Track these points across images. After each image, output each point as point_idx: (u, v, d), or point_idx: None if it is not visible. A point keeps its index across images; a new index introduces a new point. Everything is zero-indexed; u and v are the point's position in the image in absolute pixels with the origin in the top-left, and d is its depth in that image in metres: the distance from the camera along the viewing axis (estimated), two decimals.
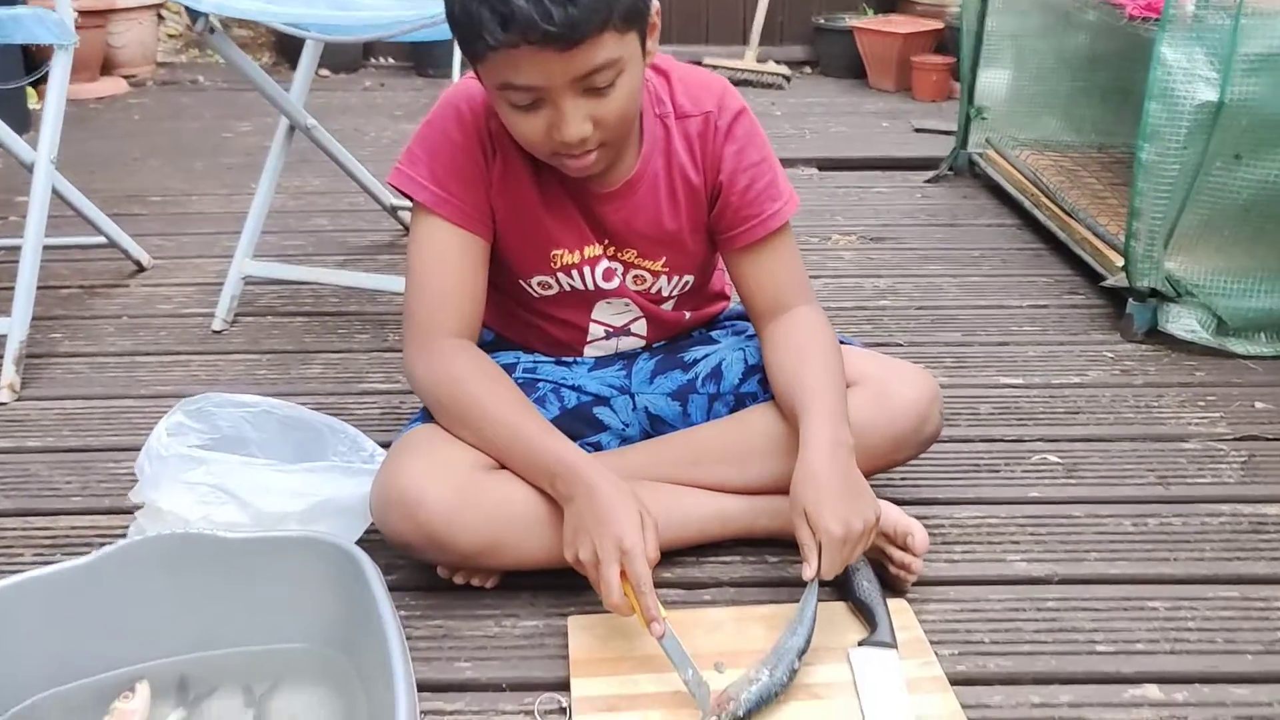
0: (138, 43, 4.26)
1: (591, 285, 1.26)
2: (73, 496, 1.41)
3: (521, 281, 1.27)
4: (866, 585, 1.15)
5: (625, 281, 1.27)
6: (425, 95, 4.00)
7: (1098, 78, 2.64)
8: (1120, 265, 1.92)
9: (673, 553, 1.21)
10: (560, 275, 1.25)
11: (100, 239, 2.14)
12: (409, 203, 1.22)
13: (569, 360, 1.35)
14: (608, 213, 1.22)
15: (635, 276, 1.28)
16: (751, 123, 1.23)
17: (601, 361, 1.35)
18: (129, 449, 1.21)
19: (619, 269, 1.26)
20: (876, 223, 2.54)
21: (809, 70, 4.45)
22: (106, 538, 1.29)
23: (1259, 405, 1.64)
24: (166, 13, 4.52)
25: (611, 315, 1.31)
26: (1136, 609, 1.18)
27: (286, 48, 4.35)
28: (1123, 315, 1.90)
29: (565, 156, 1.10)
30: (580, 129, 1.05)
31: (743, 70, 4.05)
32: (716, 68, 3.91)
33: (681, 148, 1.21)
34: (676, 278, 1.29)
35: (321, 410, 1.38)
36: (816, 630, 1.07)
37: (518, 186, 1.19)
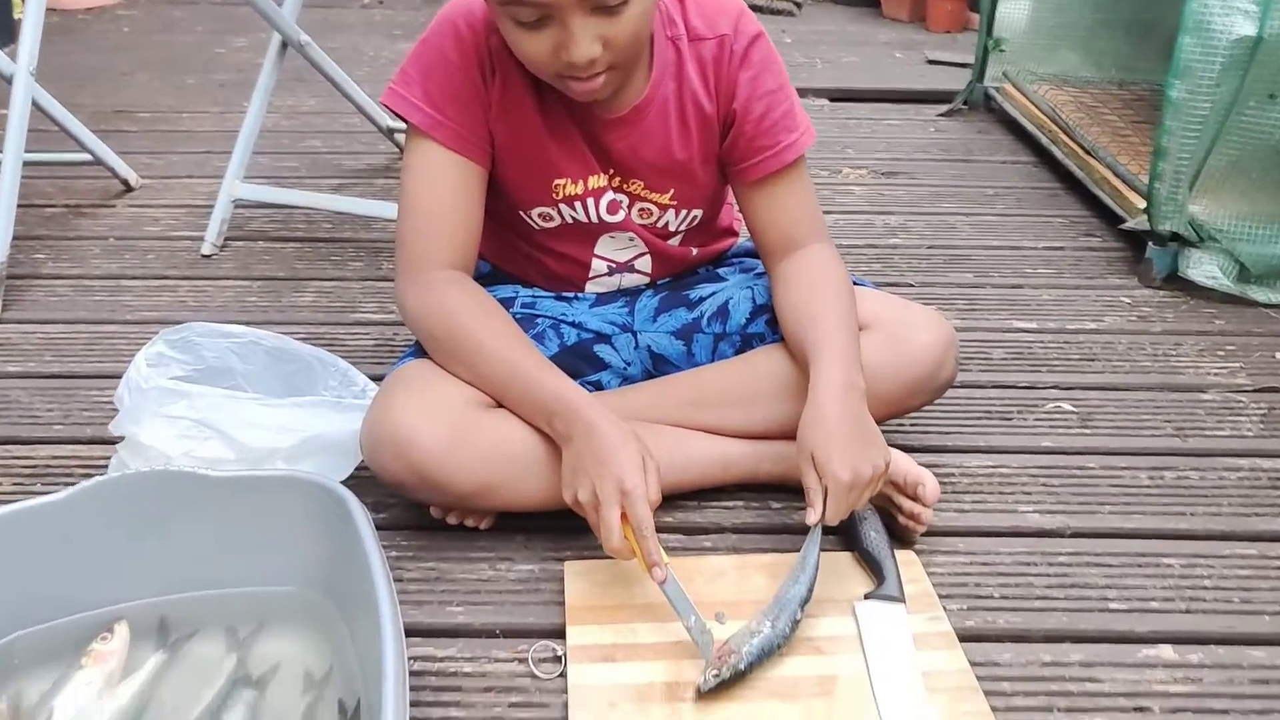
0: None
1: (595, 218, 1.20)
2: (54, 425, 1.37)
3: (521, 212, 1.21)
4: (874, 536, 1.11)
5: (630, 215, 1.22)
6: (425, 14, 3.88)
7: (1121, 10, 2.56)
8: (1141, 207, 1.86)
9: (673, 497, 1.18)
10: (562, 206, 1.19)
11: (86, 156, 2.07)
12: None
13: (569, 296, 1.29)
14: (614, 140, 1.16)
15: (641, 209, 1.22)
16: (769, 48, 1.17)
17: (603, 298, 1.30)
18: (113, 376, 1.16)
19: (624, 201, 1.20)
20: (888, 157, 2.48)
21: None
22: (89, 469, 1.26)
23: None
24: None
25: (615, 250, 1.26)
26: (1151, 565, 1.15)
27: None
28: (1141, 259, 1.84)
29: (571, 79, 1.03)
30: (589, 49, 0.99)
31: None
32: None
33: (694, 72, 1.15)
34: (685, 211, 1.23)
35: (313, 341, 1.34)
36: (821, 580, 1.03)
37: (518, 110, 1.13)
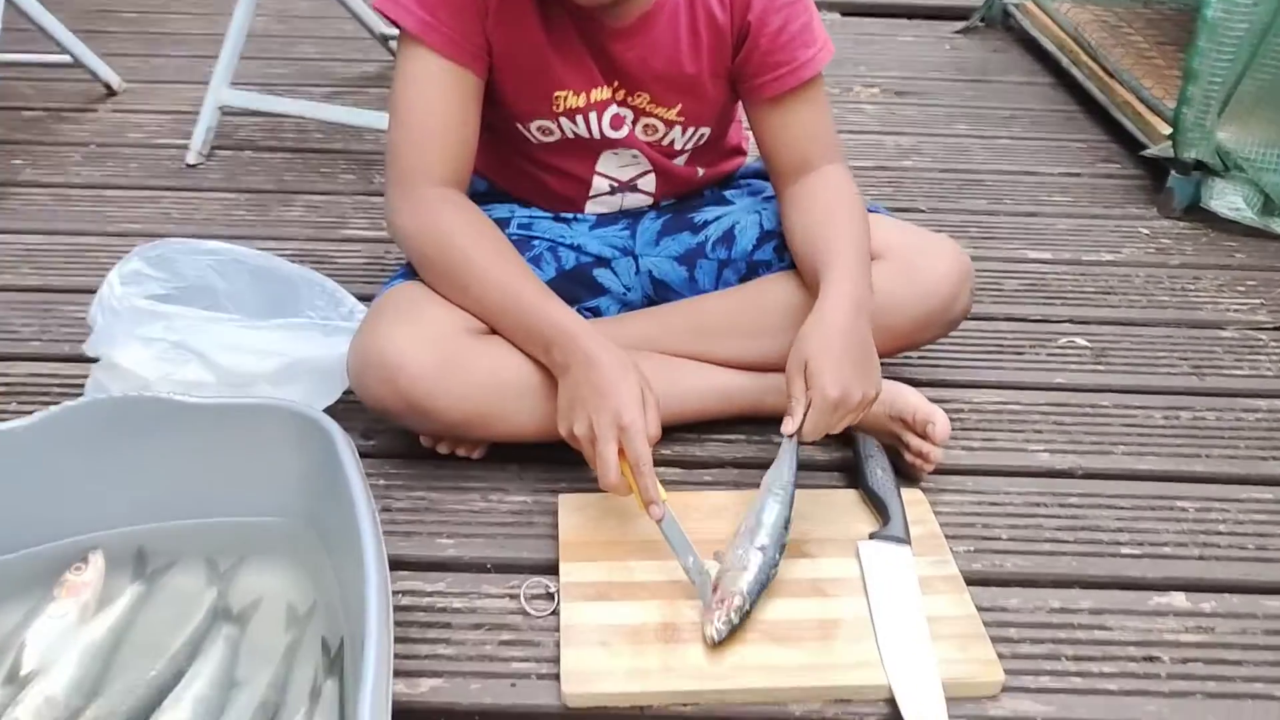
0: None
1: (597, 133, 1.14)
2: (31, 341, 1.32)
3: (519, 125, 1.15)
4: (880, 474, 1.07)
5: (635, 130, 1.15)
6: None
7: None
8: (1164, 133, 1.79)
9: (672, 429, 1.13)
10: (563, 120, 1.13)
11: (66, 58, 1.99)
12: None
13: (568, 216, 1.23)
14: (620, 50, 1.09)
15: (646, 125, 1.15)
16: None
17: (604, 219, 1.24)
18: (94, 291, 1.11)
19: (629, 116, 1.14)
20: (901, 75, 2.39)
21: None
22: (66, 388, 1.21)
23: None
24: None
25: (618, 168, 1.19)
26: (1165, 509, 1.11)
27: None
28: (1162, 189, 1.78)
29: None
30: None
31: None
32: None
33: None
34: (692, 129, 1.16)
35: (301, 258, 1.28)
36: (823, 518, 1.00)
37: (518, 16, 1.06)
